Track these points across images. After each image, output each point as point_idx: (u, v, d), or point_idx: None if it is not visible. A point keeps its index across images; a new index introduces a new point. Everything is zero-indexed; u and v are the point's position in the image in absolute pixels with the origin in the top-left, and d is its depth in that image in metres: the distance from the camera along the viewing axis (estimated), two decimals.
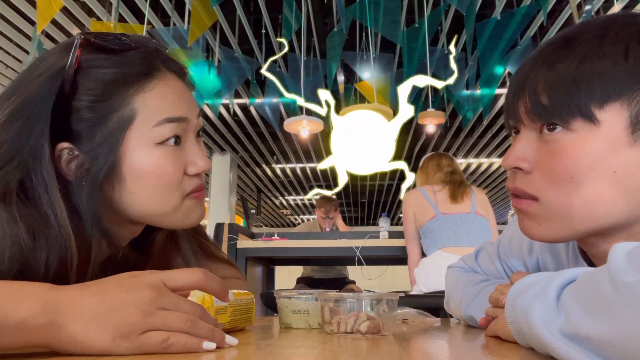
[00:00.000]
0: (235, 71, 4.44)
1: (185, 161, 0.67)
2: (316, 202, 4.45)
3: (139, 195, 0.64)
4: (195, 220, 0.71)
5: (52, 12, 3.24)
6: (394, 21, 3.71)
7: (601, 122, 0.54)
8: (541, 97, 0.57)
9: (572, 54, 0.56)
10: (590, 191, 0.55)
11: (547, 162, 0.57)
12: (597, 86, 0.54)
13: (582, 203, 0.55)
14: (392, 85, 4.30)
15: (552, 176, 0.57)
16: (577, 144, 0.55)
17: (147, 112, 0.63)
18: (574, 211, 0.56)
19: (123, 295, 0.45)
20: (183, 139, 0.67)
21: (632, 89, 0.53)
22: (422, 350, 0.53)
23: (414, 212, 2.65)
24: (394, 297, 0.64)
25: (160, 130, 0.64)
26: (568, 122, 0.55)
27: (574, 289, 0.41)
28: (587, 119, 0.54)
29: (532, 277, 0.49)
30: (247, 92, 5.65)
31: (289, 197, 12.01)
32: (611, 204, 0.55)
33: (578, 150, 0.55)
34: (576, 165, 0.55)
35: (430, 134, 7.00)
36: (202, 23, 3.60)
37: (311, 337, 0.60)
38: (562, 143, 0.56)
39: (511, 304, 0.50)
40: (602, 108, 0.54)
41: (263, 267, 3.75)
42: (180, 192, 0.67)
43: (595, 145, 0.54)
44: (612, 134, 0.54)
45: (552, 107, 0.56)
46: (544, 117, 0.57)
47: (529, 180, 0.60)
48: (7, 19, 4.32)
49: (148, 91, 0.64)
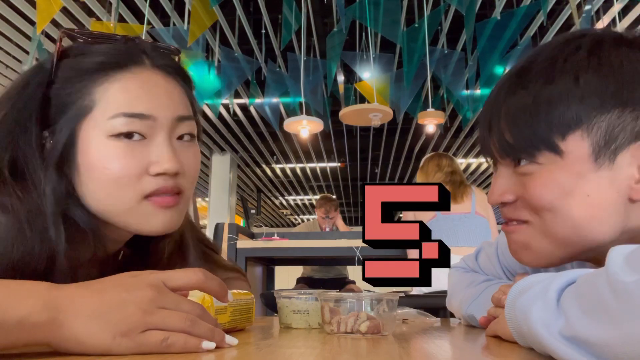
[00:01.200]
0: (235, 71, 4.45)
1: (148, 160, 0.63)
2: (316, 202, 4.45)
3: (89, 188, 0.63)
4: (159, 229, 0.66)
5: (52, 12, 3.24)
6: (393, 21, 3.71)
7: (565, 153, 0.56)
8: (505, 135, 0.60)
9: (527, 87, 0.58)
10: (571, 217, 0.57)
11: (525, 194, 0.59)
12: (555, 118, 0.56)
13: (569, 228, 0.57)
14: (392, 85, 4.30)
15: (533, 206, 0.59)
16: (546, 175, 0.57)
17: (106, 103, 0.62)
18: (564, 235, 0.58)
19: (123, 294, 0.45)
20: (149, 137, 0.64)
21: (589, 117, 0.55)
22: (422, 350, 0.53)
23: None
24: (394, 297, 0.64)
25: (114, 123, 0.62)
26: (534, 156, 0.57)
27: (573, 290, 0.41)
28: (552, 151, 0.56)
29: (532, 278, 0.49)
30: (247, 92, 5.65)
31: (289, 197, 12.01)
32: (595, 225, 0.56)
33: (548, 181, 0.57)
34: (551, 193, 0.57)
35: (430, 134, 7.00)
36: (202, 23, 3.60)
37: (311, 337, 0.60)
38: (532, 175, 0.58)
39: (511, 304, 0.50)
40: (564, 139, 0.56)
41: (263, 267, 3.75)
42: (135, 192, 0.63)
43: (563, 174, 0.56)
44: (577, 163, 0.56)
45: (517, 143, 0.58)
46: (512, 154, 0.60)
47: (516, 209, 0.62)
48: (7, 19, 4.32)
49: (113, 82, 0.63)
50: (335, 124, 6.82)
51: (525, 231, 0.61)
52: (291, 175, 9.97)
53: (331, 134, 7.40)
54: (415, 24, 3.93)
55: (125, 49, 0.66)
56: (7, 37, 4.63)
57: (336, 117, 3.95)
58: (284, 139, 7.61)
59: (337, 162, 9.00)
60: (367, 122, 3.60)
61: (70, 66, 0.64)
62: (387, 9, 3.60)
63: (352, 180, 10.37)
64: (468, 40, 3.82)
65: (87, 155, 0.62)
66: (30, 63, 4.14)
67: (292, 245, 3.10)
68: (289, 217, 14.62)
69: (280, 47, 4.27)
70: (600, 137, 0.55)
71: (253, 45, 4.90)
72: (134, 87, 0.64)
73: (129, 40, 0.67)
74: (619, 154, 0.55)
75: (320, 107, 4.54)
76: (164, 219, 0.65)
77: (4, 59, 5.06)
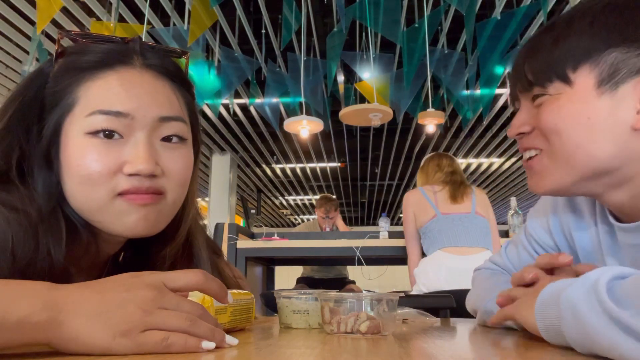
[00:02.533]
0: (235, 71, 4.44)
1: (123, 159, 0.62)
2: (316, 202, 4.45)
3: (68, 185, 0.63)
4: (133, 227, 0.63)
5: (52, 12, 3.24)
6: (394, 21, 3.71)
7: (574, 83, 0.66)
8: (527, 75, 0.70)
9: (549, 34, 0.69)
10: (574, 137, 0.65)
11: (539, 122, 0.69)
12: (568, 51, 0.66)
13: (572, 147, 0.66)
14: (392, 85, 4.30)
15: (544, 128, 0.68)
16: (555, 103, 0.67)
17: (86, 100, 0.63)
18: (568, 155, 0.66)
19: (124, 294, 0.45)
20: (126, 137, 0.63)
21: (597, 52, 0.64)
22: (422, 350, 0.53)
23: (414, 212, 2.65)
24: (394, 297, 0.64)
25: (91, 120, 0.62)
26: (546, 87, 0.67)
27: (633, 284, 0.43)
28: (563, 81, 0.66)
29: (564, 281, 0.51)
30: (247, 92, 5.66)
31: (289, 197, 12.01)
32: (594, 148, 0.64)
33: (555, 107, 0.67)
34: (557, 116, 0.66)
35: (430, 134, 7.01)
36: (202, 23, 3.60)
37: (311, 337, 0.60)
38: (544, 104, 0.68)
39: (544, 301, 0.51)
40: (575, 71, 0.66)
41: (263, 267, 3.75)
42: (107, 190, 0.62)
43: (569, 101, 0.66)
44: (583, 90, 0.65)
45: (535, 78, 0.69)
46: (529, 88, 0.70)
47: (532, 138, 0.71)
48: (7, 19, 4.32)
49: (95, 81, 0.63)
50: (335, 124, 6.82)
51: (539, 160, 0.70)
52: (291, 175, 9.97)
53: (331, 134, 7.40)
54: (415, 24, 3.93)
55: (116, 49, 0.66)
56: (7, 37, 4.63)
57: (336, 117, 3.95)
58: (284, 139, 7.61)
59: (337, 162, 9.01)
60: (367, 122, 3.60)
61: (63, 65, 0.65)
62: (387, 9, 3.60)
63: (352, 180, 10.38)
64: (468, 40, 3.82)
65: (66, 152, 0.63)
66: (30, 63, 4.14)
67: (292, 245, 3.11)
68: (289, 217, 14.62)
69: (280, 47, 4.27)
70: (605, 70, 0.64)
71: (253, 45, 4.90)
72: (114, 86, 0.63)
73: (129, 42, 0.67)
74: (620, 85, 0.63)
75: (320, 107, 4.54)
76: (139, 217, 0.63)
77: (4, 59, 5.06)
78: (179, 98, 0.69)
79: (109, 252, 0.71)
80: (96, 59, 0.64)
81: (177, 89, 0.69)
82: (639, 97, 0.62)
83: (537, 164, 0.71)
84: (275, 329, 0.75)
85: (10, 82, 5.48)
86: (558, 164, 0.68)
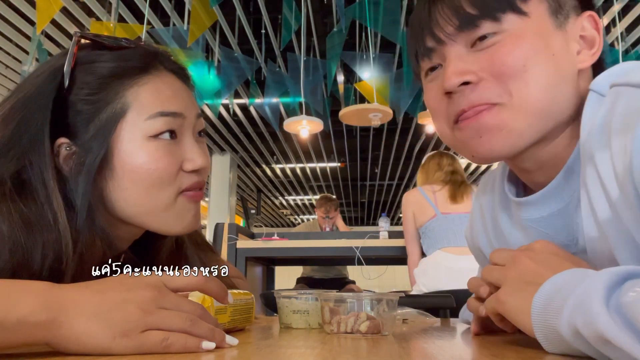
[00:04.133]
0: (235, 71, 4.44)
1: (182, 157, 0.66)
2: (316, 202, 4.45)
3: (130, 191, 0.64)
4: (189, 224, 0.68)
5: (52, 13, 3.24)
6: (393, 21, 3.71)
7: (529, 13, 0.58)
8: (465, 6, 0.58)
9: None
10: (543, 77, 0.56)
11: (494, 63, 0.57)
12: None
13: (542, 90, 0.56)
14: (392, 85, 4.30)
15: (506, 72, 0.56)
16: (515, 37, 0.57)
17: (140, 105, 0.64)
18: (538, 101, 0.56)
19: (124, 294, 0.45)
20: (179, 135, 0.67)
21: None
22: (422, 350, 0.53)
23: (414, 212, 2.65)
24: (394, 297, 0.64)
25: (153, 123, 0.64)
26: (499, 21, 0.57)
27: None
28: (516, 12, 0.57)
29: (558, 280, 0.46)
30: (246, 92, 5.65)
31: (289, 197, 12.01)
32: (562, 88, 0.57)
33: (518, 42, 0.57)
34: (525, 53, 0.56)
35: (430, 134, 7.00)
36: (201, 23, 3.60)
37: (311, 337, 0.60)
38: (501, 41, 0.57)
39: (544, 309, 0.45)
40: (525, 1, 0.58)
41: (263, 267, 3.75)
42: (174, 189, 0.66)
43: (530, 34, 0.57)
44: (540, 22, 0.58)
45: (481, 11, 0.57)
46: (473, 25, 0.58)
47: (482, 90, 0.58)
48: (7, 19, 4.32)
49: (142, 85, 0.65)
50: (335, 124, 6.82)
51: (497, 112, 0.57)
52: (291, 175, 9.96)
53: (331, 134, 7.40)
54: None
55: (143, 54, 0.68)
56: (7, 37, 4.63)
57: (336, 117, 3.95)
58: (284, 139, 7.61)
59: (337, 162, 9.00)
60: (367, 122, 3.60)
61: (91, 71, 0.64)
62: (387, 9, 3.59)
63: (352, 180, 10.37)
64: None
65: (126, 157, 0.63)
66: (30, 63, 4.14)
67: (292, 245, 3.10)
68: (289, 217, 14.62)
69: (280, 47, 4.27)
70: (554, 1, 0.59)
71: (253, 45, 4.90)
72: (163, 89, 0.66)
73: (138, 45, 0.69)
74: (568, 19, 0.59)
75: (320, 107, 4.54)
76: (194, 213, 0.68)
77: (4, 59, 5.06)
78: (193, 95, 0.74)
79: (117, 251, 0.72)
80: (132, 64, 0.66)
81: (190, 86, 0.74)
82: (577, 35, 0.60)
83: (491, 118, 0.57)
84: (275, 329, 0.75)
85: (10, 82, 5.48)
86: (526, 114, 0.57)
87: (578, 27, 0.60)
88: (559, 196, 0.61)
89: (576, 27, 0.60)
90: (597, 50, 0.61)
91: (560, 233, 0.62)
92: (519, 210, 0.66)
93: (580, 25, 0.61)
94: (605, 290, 0.39)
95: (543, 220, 0.63)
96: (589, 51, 0.60)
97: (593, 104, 0.56)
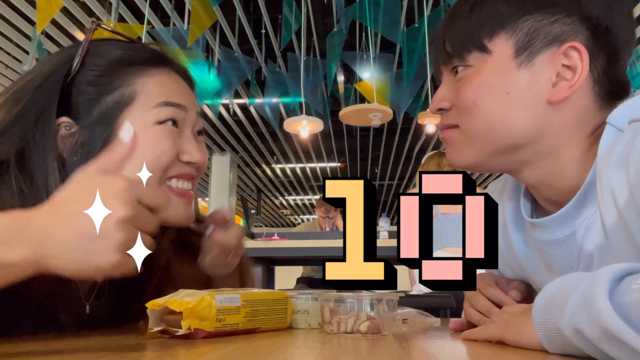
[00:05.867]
0: (235, 71, 4.44)
1: (180, 148, 0.68)
2: (316, 202, 4.45)
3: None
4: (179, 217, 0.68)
5: (52, 12, 3.24)
6: (394, 21, 3.71)
7: (492, 52, 0.63)
8: (446, 46, 0.67)
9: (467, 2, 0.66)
10: (491, 113, 0.63)
11: (458, 96, 0.65)
12: (483, 18, 0.63)
13: (487, 124, 0.63)
14: (392, 85, 4.30)
15: (461, 105, 0.65)
16: (475, 75, 0.64)
17: (147, 95, 0.66)
18: (482, 132, 0.64)
19: None
20: (181, 128, 0.69)
21: (513, 20, 0.62)
22: (422, 350, 0.53)
23: None
24: (394, 297, 0.64)
25: (159, 111, 0.66)
26: (465, 59, 0.64)
27: None
28: (480, 50, 0.63)
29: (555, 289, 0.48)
30: (247, 92, 5.65)
31: (289, 197, 12.01)
32: (510, 123, 0.62)
33: (476, 79, 0.63)
34: (476, 92, 0.63)
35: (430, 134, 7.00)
36: (202, 23, 3.60)
37: (311, 337, 0.60)
38: (465, 77, 0.65)
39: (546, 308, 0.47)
40: (491, 39, 0.63)
41: (263, 267, 3.75)
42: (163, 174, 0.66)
43: (489, 73, 0.63)
44: (502, 60, 0.62)
45: (453, 49, 0.66)
46: (448, 60, 0.67)
47: (450, 115, 0.68)
48: (7, 19, 4.32)
49: (151, 77, 0.68)
50: (335, 124, 6.81)
51: (455, 134, 0.67)
52: (291, 175, 9.96)
53: (331, 134, 7.40)
54: (415, 24, 3.93)
55: (153, 50, 0.72)
56: (7, 37, 4.63)
57: (336, 117, 3.95)
58: (284, 139, 7.60)
59: (337, 162, 9.00)
60: (367, 122, 3.60)
61: (102, 55, 0.67)
62: (387, 9, 3.59)
63: None
64: None
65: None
66: (30, 63, 4.14)
67: (292, 245, 3.10)
68: (289, 217, 14.62)
69: (280, 47, 4.27)
70: (521, 38, 0.62)
71: (253, 45, 4.90)
72: (169, 83, 0.69)
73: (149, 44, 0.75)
74: (536, 56, 0.61)
75: (320, 107, 4.54)
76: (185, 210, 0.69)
77: (4, 59, 5.06)
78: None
79: None
80: (146, 57, 0.69)
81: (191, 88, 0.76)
82: (554, 69, 0.61)
83: (453, 137, 0.68)
84: None
85: (10, 82, 5.47)
86: (472, 141, 0.65)
87: (558, 57, 0.61)
88: (569, 223, 0.63)
89: (556, 57, 0.61)
90: (577, 82, 0.60)
91: (562, 259, 0.64)
92: (531, 230, 0.69)
93: (559, 56, 0.61)
94: (609, 285, 0.40)
95: (550, 244, 0.65)
96: (568, 83, 0.61)
97: (610, 137, 0.57)
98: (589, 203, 0.60)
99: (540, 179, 0.65)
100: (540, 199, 0.69)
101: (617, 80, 0.63)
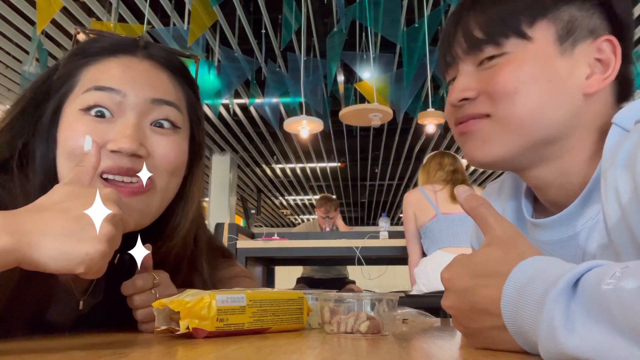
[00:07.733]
0: (235, 71, 4.44)
1: (109, 137, 0.62)
2: (316, 202, 4.45)
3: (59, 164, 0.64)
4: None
5: (52, 12, 3.24)
6: (394, 21, 3.71)
7: (533, 39, 0.61)
8: (474, 31, 0.63)
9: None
10: (532, 101, 0.60)
11: (491, 83, 0.61)
12: (522, 9, 0.61)
13: (528, 112, 0.60)
14: (392, 85, 4.30)
15: (498, 92, 0.61)
16: (514, 61, 0.61)
17: (84, 80, 0.65)
18: (522, 121, 0.60)
19: None
20: (116, 116, 0.63)
21: (556, 7, 0.61)
22: (422, 350, 0.53)
23: (414, 212, 2.65)
24: (394, 297, 0.64)
25: (86, 96, 0.63)
26: (502, 45, 0.61)
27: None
28: (520, 37, 0.61)
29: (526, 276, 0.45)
30: (247, 92, 5.65)
31: (289, 197, 12.01)
32: (549, 114, 0.60)
33: (516, 65, 0.60)
34: (517, 78, 0.60)
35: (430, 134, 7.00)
36: (202, 23, 3.60)
37: (311, 337, 0.60)
38: (502, 63, 0.61)
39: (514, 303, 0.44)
40: (531, 26, 0.61)
41: (263, 267, 3.75)
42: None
43: (531, 59, 0.60)
44: (543, 47, 0.60)
45: (487, 35, 0.62)
46: (477, 47, 0.63)
47: (477, 104, 0.63)
48: (7, 19, 4.32)
49: (96, 65, 0.66)
50: (335, 124, 6.82)
51: (485, 125, 0.63)
52: (291, 175, 9.96)
53: (331, 134, 7.40)
54: (415, 24, 3.93)
55: (122, 41, 0.69)
56: (7, 37, 4.63)
57: (336, 117, 3.95)
58: (284, 139, 7.60)
59: (337, 162, 9.00)
60: (367, 122, 3.59)
61: (70, 54, 0.68)
62: (387, 9, 3.59)
63: (352, 180, 10.37)
64: None
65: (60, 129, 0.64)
66: (30, 63, 4.14)
67: (292, 245, 3.10)
68: (289, 217, 14.62)
69: (280, 47, 4.27)
70: (562, 27, 0.61)
71: (253, 45, 4.90)
72: (112, 67, 0.65)
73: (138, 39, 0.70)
74: (577, 45, 0.61)
75: (320, 107, 4.54)
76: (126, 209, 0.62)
77: (4, 59, 5.06)
78: (177, 88, 0.70)
79: None
80: (100, 46, 0.67)
81: (177, 81, 0.71)
82: (590, 60, 0.61)
83: (481, 129, 0.63)
84: None
85: (10, 82, 5.48)
86: (507, 130, 0.61)
87: (593, 50, 0.61)
88: (572, 223, 0.62)
89: (590, 50, 0.61)
90: (611, 75, 0.61)
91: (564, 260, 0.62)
92: (532, 230, 0.68)
93: (596, 47, 0.61)
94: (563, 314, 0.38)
95: (553, 244, 0.65)
96: (601, 75, 0.61)
97: (615, 137, 0.57)
98: (592, 203, 0.60)
99: (550, 179, 0.64)
100: (543, 199, 0.68)
101: (626, 78, 0.64)
